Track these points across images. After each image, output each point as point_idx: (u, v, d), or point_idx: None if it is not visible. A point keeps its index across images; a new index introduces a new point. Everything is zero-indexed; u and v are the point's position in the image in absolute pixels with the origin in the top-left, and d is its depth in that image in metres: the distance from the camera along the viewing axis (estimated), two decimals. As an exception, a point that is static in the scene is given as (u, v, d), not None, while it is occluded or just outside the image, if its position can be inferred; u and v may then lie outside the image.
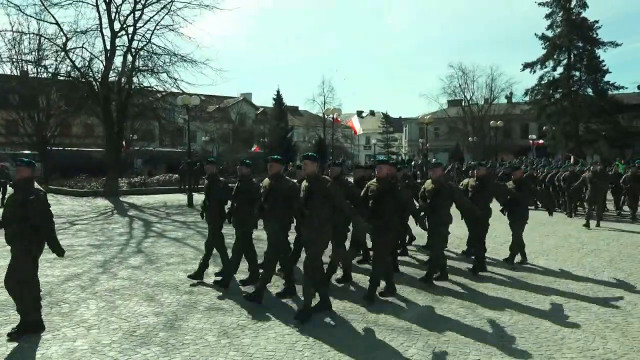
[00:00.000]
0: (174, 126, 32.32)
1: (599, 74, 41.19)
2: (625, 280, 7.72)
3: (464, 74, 53.11)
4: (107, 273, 8.30)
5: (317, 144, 49.08)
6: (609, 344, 5.14)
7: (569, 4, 41.50)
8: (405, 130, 68.74)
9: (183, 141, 36.99)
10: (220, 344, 5.20)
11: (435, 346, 5.11)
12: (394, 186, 6.64)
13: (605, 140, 40.32)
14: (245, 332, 5.53)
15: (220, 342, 5.24)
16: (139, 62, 23.24)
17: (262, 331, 5.55)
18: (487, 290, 7.14)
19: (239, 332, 5.54)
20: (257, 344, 5.18)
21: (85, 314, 6.14)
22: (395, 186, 6.68)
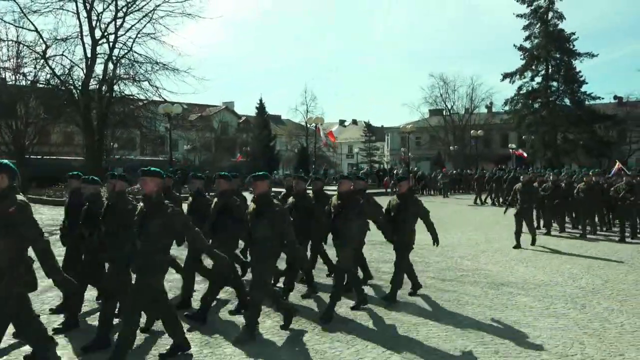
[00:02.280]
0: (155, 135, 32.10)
1: (575, 84, 42.11)
2: (603, 287, 7.86)
3: (445, 83, 53.90)
4: (86, 283, 8.16)
5: (300, 153, 49.16)
6: (586, 350, 5.23)
7: (546, 16, 42.41)
8: (387, 139, 69.22)
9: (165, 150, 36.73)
10: (202, 354, 5.17)
11: (417, 354, 5.14)
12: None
13: (583, 150, 41.12)
14: (227, 341, 5.50)
15: (202, 352, 5.20)
16: (120, 70, 23.16)
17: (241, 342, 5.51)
18: (468, 297, 7.22)
19: (221, 341, 5.50)
20: (240, 354, 5.16)
21: (64, 325, 6.04)
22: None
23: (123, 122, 26.49)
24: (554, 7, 42.16)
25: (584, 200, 12.80)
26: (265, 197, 5.53)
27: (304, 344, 5.43)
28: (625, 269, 9.18)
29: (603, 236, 13.16)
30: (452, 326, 5.97)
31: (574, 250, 11.08)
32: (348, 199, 6.37)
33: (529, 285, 7.97)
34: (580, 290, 7.65)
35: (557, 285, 7.96)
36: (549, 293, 7.49)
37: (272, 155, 49.04)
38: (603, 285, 7.95)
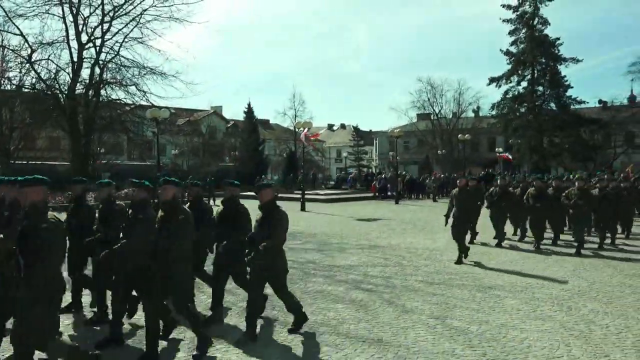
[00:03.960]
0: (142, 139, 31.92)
1: (561, 88, 42.60)
2: (589, 289, 7.95)
3: (432, 88, 54.19)
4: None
5: (289, 158, 49.11)
6: (573, 351, 5.27)
7: (532, 22, 42.90)
8: (375, 144, 69.41)
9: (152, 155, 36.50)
10: (192, 358, 5.13)
11: (405, 357, 5.16)
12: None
13: (569, 153, 41.56)
14: (216, 347, 5.47)
15: (191, 359, 5.17)
16: (107, 75, 22.99)
17: (231, 346, 5.50)
18: (456, 301, 7.25)
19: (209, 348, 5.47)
20: (228, 359, 5.14)
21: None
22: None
23: (110, 126, 26.30)
24: (539, 12, 42.71)
25: (533, 206, 11.86)
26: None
27: (292, 348, 5.42)
28: (610, 272, 9.28)
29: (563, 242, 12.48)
30: (440, 329, 6.00)
31: (560, 254, 11.16)
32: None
33: (516, 288, 8.03)
34: (566, 293, 7.72)
35: (544, 288, 8.03)
36: (536, 295, 7.55)
37: (260, 160, 48.90)
38: (589, 288, 8.04)
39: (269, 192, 5.67)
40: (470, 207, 10.69)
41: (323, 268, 9.74)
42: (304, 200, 24.02)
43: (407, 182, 33.44)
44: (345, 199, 30.76)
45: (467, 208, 10.36)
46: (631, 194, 13.92)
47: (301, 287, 8.12)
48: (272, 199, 5.71)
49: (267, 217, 5.63)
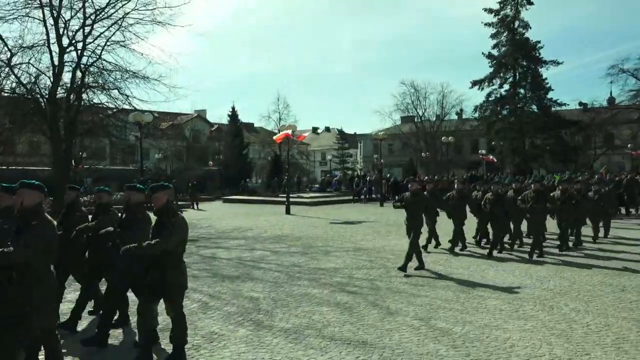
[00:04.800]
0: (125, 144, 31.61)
1: (542, 91, 43.13)
2: (570, 288, 8.07)
3: (415, 90, 54.50)
4: (54, 296, 7.99)
5: (273, 161, 49.02)
6: (554, 350, 5.35)
7: (513, 25, 43.42)
8: (360, 146, 69.67)
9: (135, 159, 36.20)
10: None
11: (390, 359, 5.19)
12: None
13: (550, 155, 42.11)
14: (200, 352, 5.45)
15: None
16: (88, 79, 22.65)
17: (217, 350, 5.48)
18: (440, 302, 7.31)
19: (194, 352, 5.45)
20: (212, 364, 5.12)
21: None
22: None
23: (92, 131, 25.91)
24: (520, 16, 43.25)
25: (491, 211, 11.33)
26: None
27: (277, 352, 5.42)
28: (591, 272, 9.43)
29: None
30: (425, 330, 6.04)
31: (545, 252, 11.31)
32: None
33: (499, 289, 8.12)
34: (548, 292, 7.83)
35: (526, 288, 8.13)
36: (518, 296, 7.65)
37: (244, 163, 48.76)
38: (570, 287, 8.16)
39: (162, 197, 5.05)
40: (417, 212, 9.84)
41: (308, 271, 9.75)
42: (288, 203, 24.00)
43: (391, 185, 33.59)
44: (330, 202, 30.79)
45: (413, 213, 9.79)
46: (601, 196, 13.68)
47: (286, 290, 8.12)
48: (165, 204, 5.05)
49: (161, 225, 5.01)
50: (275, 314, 6.80)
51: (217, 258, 11.44)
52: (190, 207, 29.30)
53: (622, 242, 13.25)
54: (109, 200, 6.75)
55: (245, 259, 11.31)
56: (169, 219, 5.01)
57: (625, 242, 13.16)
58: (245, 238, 14.98)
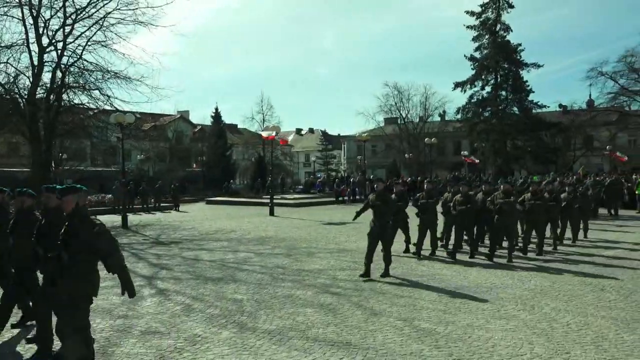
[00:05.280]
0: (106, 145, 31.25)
1: (523, 93, 43.66)
2: (551, 288, 8.18)
3: (399, 92, 54.79)
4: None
5: (257, 162, 48.86)
6: (535, 349, 5.42)
7: (495, 28, 43.90)
8: (344, 148, 69.82)
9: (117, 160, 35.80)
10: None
11: (373, 359, 5.19)
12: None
13: (531, 156, 42.65)
14: (183, 355, 5.40)
15: None
16: (69, 79, 22.38)
17: (200, 353, 5.44)
18: (424, 302, 7.35)
19: (177, 355, 5.40)
20: (195, 367, 5.08)
21: (3, 348, 5.79)
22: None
23: (72, 132, 25.61)
24: (501, 19, 43.75)
25: (459, 213, 11.04)
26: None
27: (261, 354, 5.39)
28: (571, 272, 9.58)
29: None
30: (408, 331, 6.07)
31: (523, 254, 11.43)
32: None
33: (481, 289, 8.19)
34: (529, 292, 7.92)
35: (508, 288, 8.22)
36: (500, 295, 7.72)
37: (228, 165, 48.52)
38: (550, 287, 8.27)
39: (71, 200, 4.63)
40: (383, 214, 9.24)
41: (292, 272, 9.73)
42: (272, 205, 23.95)
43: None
44: (314, 203, 30.78)
45: (379, 215, 9.23)
46: (576, 197, 13.58)
47: (270, 292, 8.10)
48: (75, 208, 4.63)
49: (71, 232, 4.56)
50: (258, 316, 6.77)
51: (200, 260, 11.37)
52: (172, 208, 29.08)
53: (602, 243, 13.49)
54: (32, 204, 6.34)
55: (229, 260, 11.25)
56: (88, 228, 4.53)
57: (602, 245, 13.38)
58: (228, 240, 14.90)
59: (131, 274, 9.42)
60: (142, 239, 15.50)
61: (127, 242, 14.89)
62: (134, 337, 5.99)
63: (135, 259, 11.72)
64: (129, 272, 4.77)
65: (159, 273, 9.91)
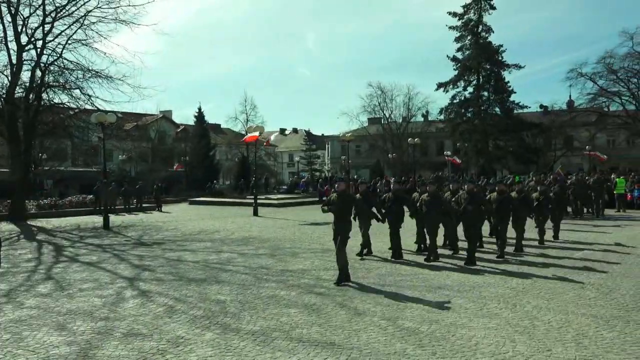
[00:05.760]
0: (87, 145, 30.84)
1: (505, 94, 44.18)
2: (532, 286, 8.27)
3: (382, 92, 55.00)
4: (12, 302, 7.73)
5: (241, 162, 48.64)
6: (518, 347, 5.47)
7: (477, 29, 44.34)
8: (327, 148, 69.86)
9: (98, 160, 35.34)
10: None
11: (357, 359, 5.20)
12: None
13: (512, 156, 43.14)
14: (165, 357, 5.34)
15: None
16: (49, 78, 22.05)
17: (183, 355, 5.39)
18: (407, 302, 7.38)
19: (160, 357, 5.34)
20: (178, 369, 5.03)
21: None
22: None
23: (52, 131, 25.24)
24: (483, 20, 44.21)
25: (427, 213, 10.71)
26: None
27: (245, 355, 5.36)
28: (552, 270, 9.70)
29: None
30: (392, 330, 6.09)
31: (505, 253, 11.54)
32: None
33: (464, 287, 8.25)
34: (511, 291, 8.00)
35: (490, 287, 8.29)
36: (483, 294, 7.79)
37: (211, 165, 48.21)
38: (532, 285, 8.36)
39: None
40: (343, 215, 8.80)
41: (275, 273, 9.70)
42: (256, 205, 23.87)
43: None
44: (298, 204, 30.75)
45: (340, 216, 8.76)
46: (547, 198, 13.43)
47: (254, 293, 8.06)
48: None
49: None
50: (242, 317, 6.73)
51: (183, 261, 11.28)
52: (155, 209, 28.81)
53: (581, 242, 13.68)
54: None
55: (212, 261, 11.18)
56: None
57: (582, 244, 13.58)
58: (212, 240, 14.81)
59: (113, 275, 9.41)
60: (124, 240, 15.33)
61: (109, 243, 14.72)
62: (116, 339, 5.91)
63: (117, 260, 11.58)
64: None
65: (141, 274, 9.80)
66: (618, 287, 8.18)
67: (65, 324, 6.56)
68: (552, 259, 10.82)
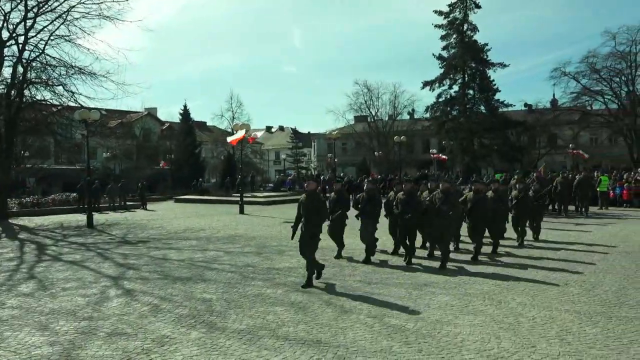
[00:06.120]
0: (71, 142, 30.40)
1: (490, 92, 44.49)
2: (516, 284, 8.34)
3: (369, 90, 55.12)
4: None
5: (226, 160, 48.40)
6: (502, 343, 5.51)
7: (462, 27, 44.59)
8: (314, 146, 69.88)
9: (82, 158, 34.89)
10: None
11: (344, 357, 5.19)
12: None
13: (497, 154, 43.50)
14: (150, 356, 5.29)
15: None
16: (31, 74, 21.70)
17: (168, 354, 5.34)
18: (393, 299, 7.40)
19: (144, 357, 5.29)
20: (163, 368, 4.99)
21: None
22: None
23: (35, 129, 24.83)
24: (469, 19, 44.46)
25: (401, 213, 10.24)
26: None
27: (231, 354, 5.33)
28: (536, 267, 9.80)
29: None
30: (378, 327, 6.09)
31: (489, 251, 11.63)
32: None
33: (450, 285, 8.30)
34: (496, 288, 8.07)
35: (475, 284, 8.35)
36: (468, 291, 7.84)
37: (197, 163, 47.89)
38: (516, 282, 8.44)
39: None
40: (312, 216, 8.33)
41: (262, 271, 9.67)
42: (242, 203, 23.77)
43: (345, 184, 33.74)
44: (284, 201, 30.67)
45: (308, 217, 8.33)
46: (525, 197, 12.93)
47: (240, 291, 8.02)
48: None
49: None
50: (228, 315, 6.70)
51: (169, 259, 11.19)
52: (140, 207, 28.55)
53: (564, 239, 13.83)
54: None
55: (198, 259, 11.10)
56: None
57: (565, 241, 13.73)
58: (197, 238, 14.71)
59: (97, 274, 9.30)
60: (108, 239, 15.17)
61: (93, 241, 14.55)
62: (100, 339, 5.84)
63: (101, 258, 11.46)
64: None
65: (126, 273, 9.70)
66: (600, 283, 8.29)
67: (48, 323, 6.47)
68: (535, 259, 10.88)
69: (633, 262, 10.06)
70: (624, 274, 9.01)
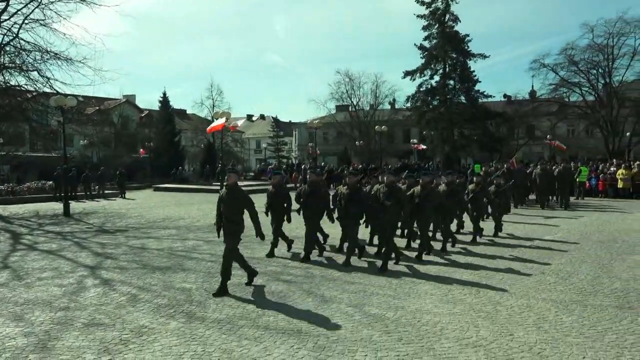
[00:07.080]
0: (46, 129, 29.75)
1: (470, 83, 44.70)
2: (495, 273, 8.45)
3: (350, 80, 55.04)
4: (-34, 293, 7.42)
5: (207, 149, 47.97)
6: (481, 332, 5.58)
7: (444, 18, 44.63)
8: (295, 135, 69.61)
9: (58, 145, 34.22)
10: None
11: (324, 346, 5.20)
12: None
13: (477, 145, 43.90)
14: (128, 347, 5.23)
15: (101, 360, 4.90)
16: (4, 59, 21.10)
17: (147, 344, 5.28)
18: (373, 288, 7.43)
19: (122, 347, 5.22)
20: (142, 359, 4.93)
21: (-62, 341, 5.44)
22: None
23: (9, 115, 24.20)
24: (450, 9, 44.51)
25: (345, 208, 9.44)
26: None
27: (210, 344, 5.30)
28: (514, 257, 9.94)
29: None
30: (358, 317, 6.11)
31: (468, 239, 11.75)
32: None
33: (429, 274, 8.36)
34: (474, 277, 8.16)
35: (455, 273, 8.43)
36: (447, 280, 7.91)
37: (176, 151, 47.38)
38: (495, 271, 8.54)
39: None
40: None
41: (242, 260, 9.59)
42: (222, 192, 23.53)
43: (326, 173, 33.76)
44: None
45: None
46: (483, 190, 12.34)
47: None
48: None
49: None
50: (208, 305, 6.65)
51: (147, 249, 11.06)
52: (118, 196, 28.17)
53: (541, 229, 14.04)
54: None
55: (177, 249, 11.00)
56: None
57: (542, 230, 13.94)
58: (177, 227, 14.58)
59: (74, 263, 9.14)
60: (85, 227, 14.93)
61: (70, 230, 14.32)
62: (76, 329, 5.75)
63: (77, 248, 11.28)
64: None
65: (104, 262, 9.57)
66: (576, 272, 8.45)
67: (23, 314, 6.35)
68: (512, 247, 11.03)
69: (607, 252, 10.27)
70: (598, 263, 9.19)
